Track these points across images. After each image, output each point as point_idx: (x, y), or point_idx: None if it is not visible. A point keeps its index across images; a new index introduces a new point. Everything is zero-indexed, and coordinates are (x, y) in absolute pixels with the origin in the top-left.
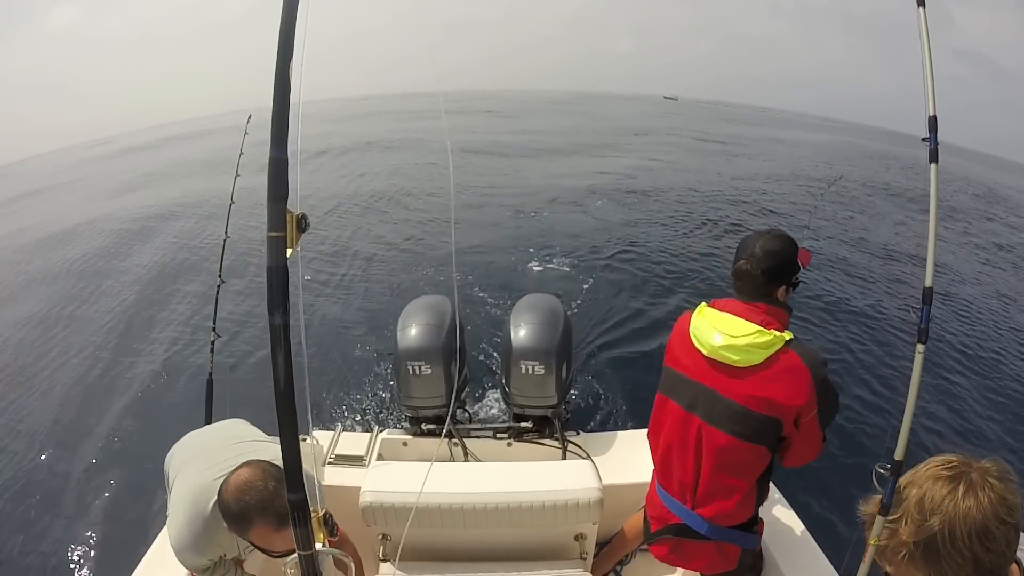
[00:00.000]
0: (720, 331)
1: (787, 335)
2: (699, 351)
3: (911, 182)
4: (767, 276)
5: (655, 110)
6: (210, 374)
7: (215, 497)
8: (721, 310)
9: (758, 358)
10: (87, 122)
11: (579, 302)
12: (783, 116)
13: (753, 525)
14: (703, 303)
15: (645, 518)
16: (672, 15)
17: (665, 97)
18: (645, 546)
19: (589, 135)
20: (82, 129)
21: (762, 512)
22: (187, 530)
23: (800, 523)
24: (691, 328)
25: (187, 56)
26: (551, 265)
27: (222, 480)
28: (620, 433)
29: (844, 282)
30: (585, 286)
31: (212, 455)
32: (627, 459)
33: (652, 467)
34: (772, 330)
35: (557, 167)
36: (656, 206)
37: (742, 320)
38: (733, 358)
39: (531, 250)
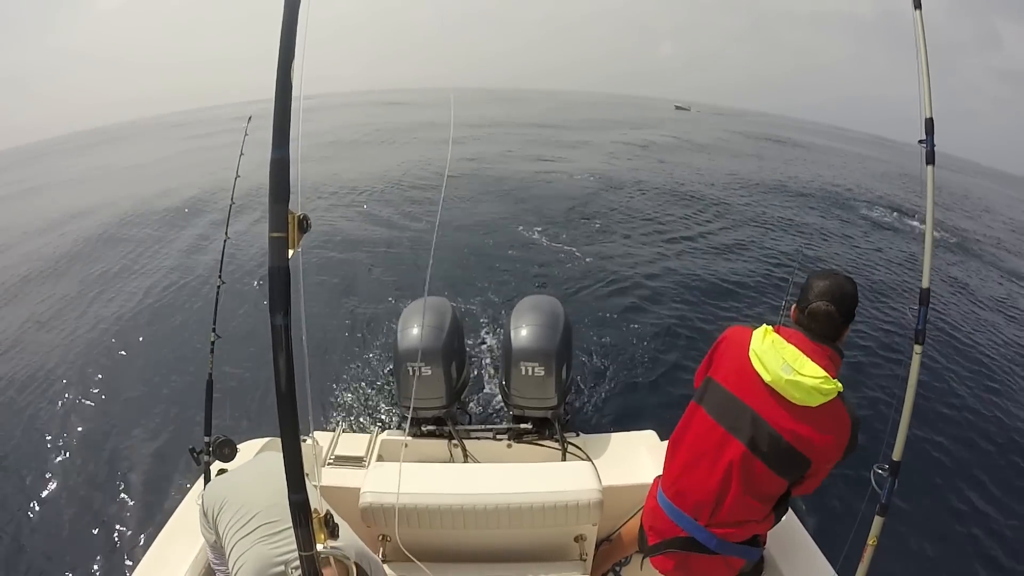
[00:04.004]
0: (789, 364)
1: (840, 386)
2: (759, 376)
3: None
4: (845, 318)
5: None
6: (210, 375)
7: None
8: (787, 340)
9: (815, 402)
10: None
11: (580, 303)
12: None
13: (758, 539)
14: (767, 326)
15: (641, 529)
16: (717, 20)
17: (677, 107)
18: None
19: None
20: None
21: None
22: None
23: (799, 523)
24: (753, 348)
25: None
26: (552, 265)
27: (283, 556)
28: (620, 435)
29: None
30: (586, 287)
31: (267, 517)
32: (627, 460)
33: (651, 469)
34: (832, 377)
35: (560, 168)
36: (656, 208)
37: (810, 360)
38: (795, 395)
39: (532, 250)
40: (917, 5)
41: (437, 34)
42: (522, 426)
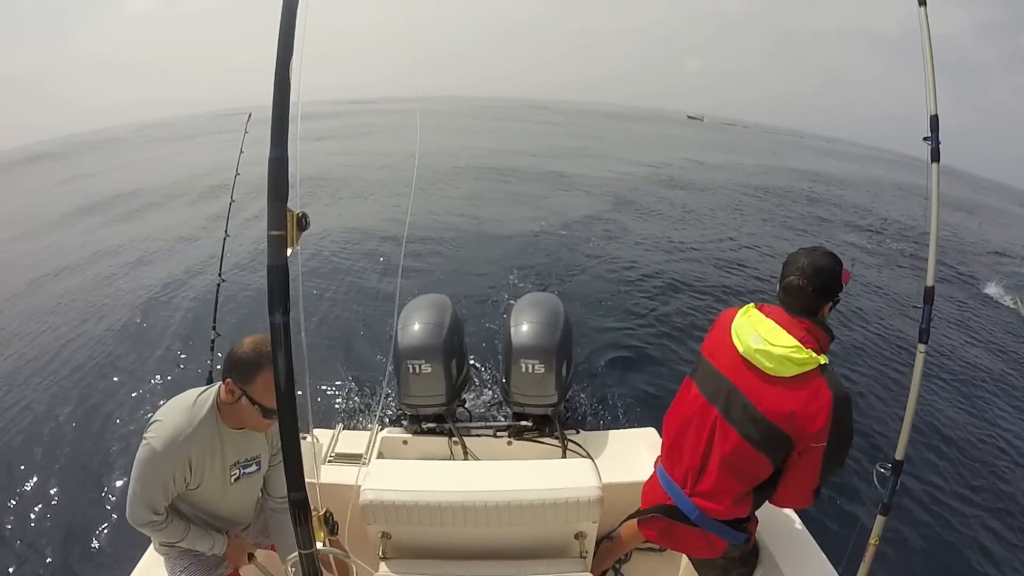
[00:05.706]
0: (760, 335)
1: (823, 359)
2: (735, 347)
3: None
4: (818, 292)
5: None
6: (210, 373)
7: (202, 392)
8: (767, 315)
9: (789, 372)
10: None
11: (580, 301)
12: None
13: (743, 523)
14: (751, 304)
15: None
16: (743, 38)
17: (689, 116)
18: (643, 545)
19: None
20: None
21: (760, 509)
22: (170, 420)
23: (798, 520)
24: (733, 324)
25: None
26: (553, 264)
27: (209, 390)
28: (620, 432)
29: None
30: (586, 285)
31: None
32: (627, 458)
33: (651, 466)
34: (810, 349)
35: (560, 169)
36: (656, 209)
37: (784, 331)
38: (766, 364)
39: (533, 249)
40: (922, 2)
41: (463, 46)
42: (522, 423)
